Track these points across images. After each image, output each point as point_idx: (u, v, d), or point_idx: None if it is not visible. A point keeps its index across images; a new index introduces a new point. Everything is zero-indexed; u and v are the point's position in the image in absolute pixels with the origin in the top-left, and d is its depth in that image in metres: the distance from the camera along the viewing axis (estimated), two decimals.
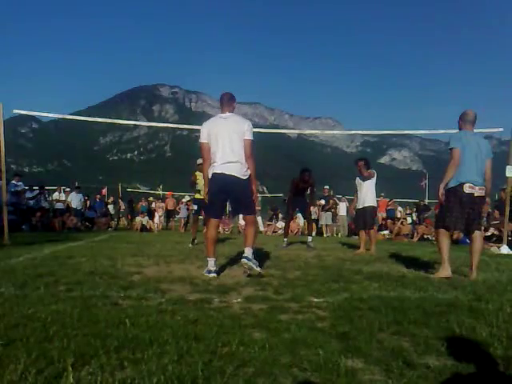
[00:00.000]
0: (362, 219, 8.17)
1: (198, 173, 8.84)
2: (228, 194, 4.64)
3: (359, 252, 7.76)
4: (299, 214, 12.48)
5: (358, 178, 8.24)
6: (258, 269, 4.55)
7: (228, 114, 4.66)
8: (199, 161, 8.90)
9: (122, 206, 19.98)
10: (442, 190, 4.79)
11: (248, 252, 4.58)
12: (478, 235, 4.94)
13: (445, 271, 4.80)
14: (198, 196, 8.96)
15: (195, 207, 9.14)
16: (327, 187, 14.59)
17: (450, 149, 4.79)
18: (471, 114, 4.96)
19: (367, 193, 8.01)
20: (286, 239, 9.39)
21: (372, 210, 8.24)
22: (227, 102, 4.69)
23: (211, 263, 4.60)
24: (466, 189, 4.68)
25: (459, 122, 5.00)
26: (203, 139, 4.65)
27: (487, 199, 5.20)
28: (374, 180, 8.09)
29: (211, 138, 4.57)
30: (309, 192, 9.37)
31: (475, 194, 4.72)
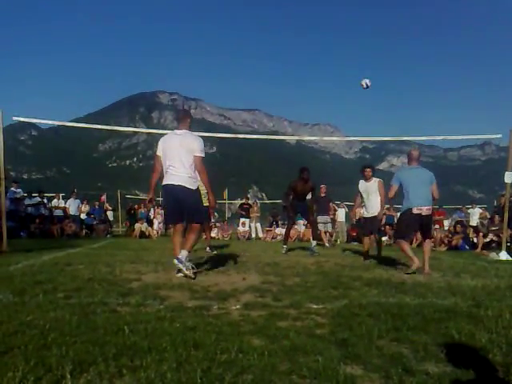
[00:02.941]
0: (371, 226, 7.96)
1: None
2: (180, 203, 4.96)
3: (366, 260, 7.52)
4: (299, 220, 12.29)
5: (362, 184, 7.94)
6: (188, 272, 4.76)
7: (182, 131, 5.07)
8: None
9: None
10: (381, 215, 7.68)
11: (183, 254, 4.88)
12: (427, 242, 6.27)
13: (415, 264, 5.83)
14: None
15: None
16: (323, 186, 13.88)
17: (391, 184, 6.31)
18: (415, 153, 6.38)
19: (376, 199, 7.82)
20: (285, 246, 9.29)
21: (379, 217, 8.07)
22: (182, 119, 5.16)
23: (179, 260, 4.85)
24: (414, 210, 5.94)
25: (407, 159, 6.42)
26: (158, 152, 5.13)
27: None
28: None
29: (166, 151, 5.01)
30: (310, 196, 9.30)
31: (423, 214, 5.97)
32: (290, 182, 9.25)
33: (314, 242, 9.13)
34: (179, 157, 4.90)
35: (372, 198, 7.84)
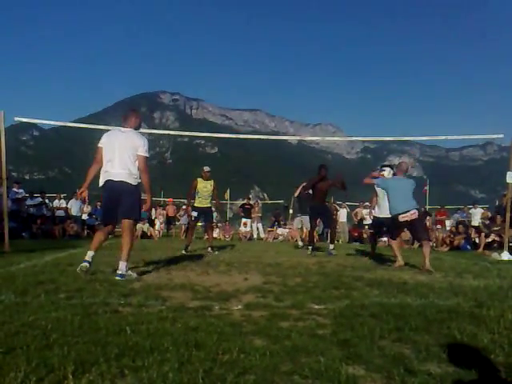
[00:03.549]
0: (389, 228, 7.66)
1: (200, 179, 8.97)
2: (118, 199, 4.85)
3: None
4: (304, 220, 12.25)
5: (381, 182, 7.43)
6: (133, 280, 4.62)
7: (127, 129, 5.04)
8: (206, 168, 8.98)
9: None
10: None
11: (122, 267, 4.71)
12: (425, 244, 6.48)
13: (398, 263, 6.69)
14: (197, 203, 9.03)
15: (195, 214, 9.12)
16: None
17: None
18: (404, 165, 7.08)
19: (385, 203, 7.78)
20: (310, 247, 9.23)
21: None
22: (128, 118, 5.10)
23: (90, 254, 4.85)
24: (400, 219, 6.52)
25: (396, 170, 7.14)
26: (100, 144, 4.98)
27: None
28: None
29: (108, 147, 4.91)
30: (340, 186, 9.28)
31: (409, 220, 6.47)
32: (309, 178, 9.34)
33: (331, 245, 9.17)
34: (122, 154, 4.84)
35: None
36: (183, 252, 8.51)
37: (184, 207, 18.86)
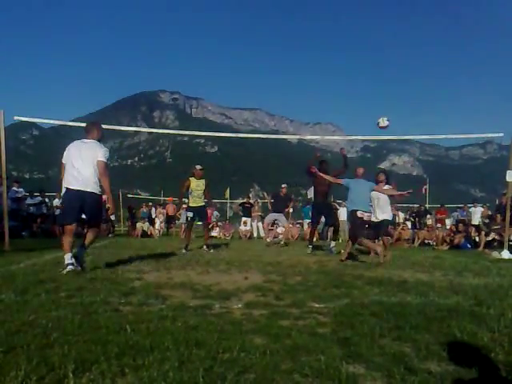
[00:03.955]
0: (376, 232, 7.96)
1: (192, 178, 9.01)
2: (81, 206, 5.16)
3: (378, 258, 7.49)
4: (306, 220, 12.29)
5: (374, 193, 7.78)
6: (74, 267, 5.00)
7: (89, 140, 5.44)
8: (198, 166, 9.01)
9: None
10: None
11: (79, 250, 5.31)
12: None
13: (378, 249, 7.08)
14: (191, 203, 9.10)
15: (190, 214, 9.16)
16: (284, 186, 13.61)
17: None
18: (361, 171, 7.65)
19: (384, 205, 7.86)
20: (310, 246, 9.28)
21: (388, 223, 8.09)
22: (90, 130, 5.53)
23: (68, 257, 5.01)
24: (358, 214, 7.18)
25: (354, 174, 7.72)
26: (63, 160, 5.33)
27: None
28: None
29: (72, 158, 5.24)
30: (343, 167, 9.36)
31: (364, 219, 7.22)
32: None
33: (333, 243, 9.28)
34: (85, 163, 5.20)
35: (381, 203, 7.81)
36: (183, 251, 8.52)
37: (184, 206, 18.87)
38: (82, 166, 5.17)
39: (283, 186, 12.93)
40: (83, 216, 5.29)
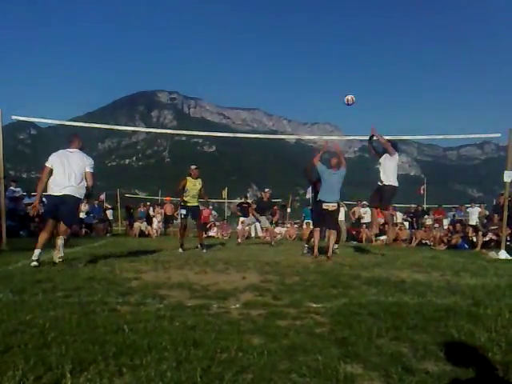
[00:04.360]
0: (379, 195, 8.22)
1: (189, 178, 9.14)
2: (57, 207, 5.81)
3: (371, 233, 7.89)
4: (307, 220, 12.36)
5: (382, 158, 8.27)
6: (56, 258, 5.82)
7: (73, 149, 6.02)
8: (193, 166, 9.10)
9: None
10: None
11: (59, 242, 5.99)
12: (332, 233, 7.89)
13: (315, 254, 7.65)
14: (187, 202, 9.19)
15: (183, 211, 9.26)
16: (267, 190, 13.66)
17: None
18: (334, 161, 7.89)
19: (388, 172, 8.06)
20: (306, 245, 9.28)
21: (391, 190, 8.14)
22: (72, 141, 6.06)
23: (36, 253, 5.56)
24: (324, 206, 7.71)
25: (329, 164, 7.96)
26: (48, 164, 5.89)
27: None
28: (395, 160, 8.16)
29: (57, 165, 5.83)
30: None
31: (329, 209, 7.73)
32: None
33: (336, 245, 9.21)
34: (70, 171, 5.80)
35: (386, 170, 8.05)
36: (180, 251, 8.57)
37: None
38: (69, 175, 5.79)
39: (266, 190, 13.08)
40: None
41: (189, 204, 9.18)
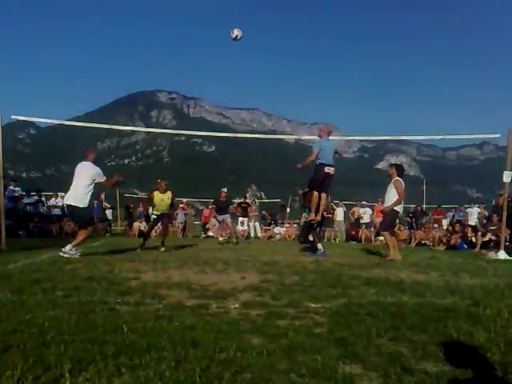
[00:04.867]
0: (383, 220, 8.43)
1: (156, 192, 9.27)
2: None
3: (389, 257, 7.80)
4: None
5: (389, 184, 8.26)
6: (69, 255, 6.58)
7: (86, 162, 7.16)
8: (161, 180, 9.20)
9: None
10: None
11: (67, 248, 6.79)
12: (324, 195, 8.27)
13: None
14: (155, 212, 9.46)
15: (155, 217, 9.56)
16: (223, 191, 14.04)
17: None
18: (328, 129, 8.71)
19: (388, 197, 8.10)
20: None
21: (393, 215, 8.20)
22: (87, 155, 7.25)
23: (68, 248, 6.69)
24: (326, 169, 7.95)
25: (324, 133, 8.39)
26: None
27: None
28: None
29: (74, 175, 7.11)
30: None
31: (331, 173, 8.04)
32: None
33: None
34: (79, 181, 7.00)
35: (388, 195, 8.02)
36: (138, 250, 8.67)
37: (181, 205, 18.86)
38: (76, 185, 6.99)
39: (223, 189, 13.29)
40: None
41: (157, 213, 9.39)
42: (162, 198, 9.08)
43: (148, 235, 9.65)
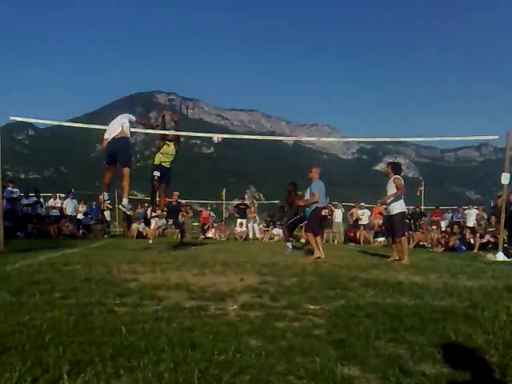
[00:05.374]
0: (391, 227, 8.01)
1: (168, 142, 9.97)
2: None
3: (390, 260, 7.70)
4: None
5: (388, 183, 8.06)
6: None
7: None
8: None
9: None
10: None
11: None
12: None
13: (320, 254, 7.90)
14: (156, 161, 9.96)
15: (157, 174, 9.66)
16: (175, 193, 14.02)
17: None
18: (316, 170, 8.58)
19: (395, 199, 7.82)
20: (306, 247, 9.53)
21: (401, 217, 7.96)
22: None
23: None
24: (322, 212, 8.33)
25: (317, 175, 8.52)
26: None
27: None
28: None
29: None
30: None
31: (326, 215, 8.83)
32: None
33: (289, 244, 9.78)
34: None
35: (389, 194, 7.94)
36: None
37: (182, 209, 18.82)
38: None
39: (174, 193, 13.51)
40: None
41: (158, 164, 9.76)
42: (169, 151, 9.70)
43: (155, 199, 9.62)
